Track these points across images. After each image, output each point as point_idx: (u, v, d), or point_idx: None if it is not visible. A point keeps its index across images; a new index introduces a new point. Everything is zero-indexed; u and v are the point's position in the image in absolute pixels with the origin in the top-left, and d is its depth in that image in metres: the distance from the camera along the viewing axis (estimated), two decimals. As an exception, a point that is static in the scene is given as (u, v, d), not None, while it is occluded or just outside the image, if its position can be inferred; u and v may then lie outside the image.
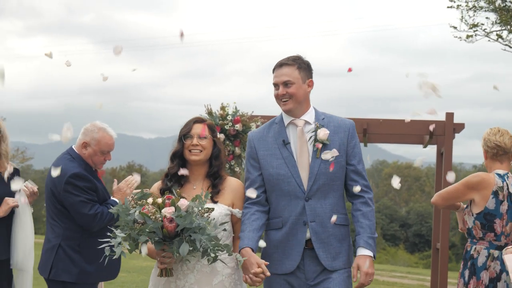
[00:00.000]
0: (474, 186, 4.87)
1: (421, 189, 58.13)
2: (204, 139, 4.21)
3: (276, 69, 4.21)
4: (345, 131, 4.19)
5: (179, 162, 4.23)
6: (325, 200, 4.13)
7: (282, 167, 4.15)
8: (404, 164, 63.66)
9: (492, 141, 4.96)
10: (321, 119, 4.21)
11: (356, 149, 4.22)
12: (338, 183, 4.17)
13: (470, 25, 14.40)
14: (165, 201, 3.77)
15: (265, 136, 4.28)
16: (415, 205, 51.74)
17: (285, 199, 4.15)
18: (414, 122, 9.78)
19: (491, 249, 4.85)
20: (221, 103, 7.80)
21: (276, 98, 4.22)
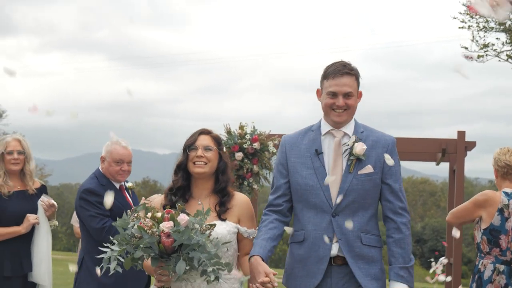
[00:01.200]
0: (481, 204, 5.16)
1: (436, 204, 57.93)
2: (210, 151, 3.97)
3: (335, 76, 3.87)
4: (383, 147, 3.88)
5: (183, 175, 4.00)
6: (353, 218, 3.83)
7: (312, 177, 3.88)
8: (419, 179, 63.48)
9: (503, 161, 5.26)
10: (360, 132, 3.93)
11: (394, 167, 3.87)
12: (369, 202, 3.86)
13: (481, 45, 14.68)
14: (164, 215, 3.56)
15: (298, 142, 4.00)
16: (430, 220, 51.58)
17: (311, 212, 3.88)
18: (427, 140, 10.13)
19: (497, 264, 5.11)
20: (239, 122, 8.12)
21: (328, 107, 3.90)
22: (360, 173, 3.83)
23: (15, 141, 5.46)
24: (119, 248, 3.51)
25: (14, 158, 5.41)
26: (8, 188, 5.37)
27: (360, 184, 3.82)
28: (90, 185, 5.24)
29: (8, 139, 5.47)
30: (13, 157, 5.40)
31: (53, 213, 5.49)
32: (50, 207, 5.45)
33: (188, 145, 4.01)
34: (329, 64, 3.98)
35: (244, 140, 7.88)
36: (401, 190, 3.89)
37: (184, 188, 3.98)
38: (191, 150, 3.97)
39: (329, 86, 3.88)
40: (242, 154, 7.87)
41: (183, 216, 3.53)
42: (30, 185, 5.49)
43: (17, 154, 5.42)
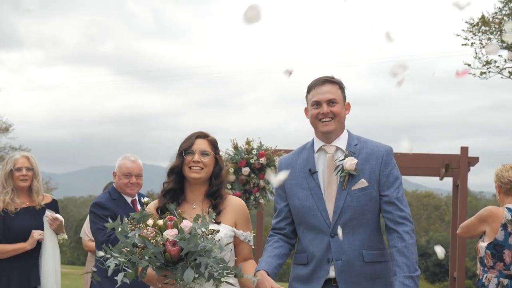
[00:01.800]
0: (484, 219, 5.30)
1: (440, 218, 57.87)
2: (206, 156, 3.90)
3: (316, 86, 3.82)
4: (377, 158, 3.76)
5: (175, 178, 3.92)
6: (353, 236, 3.71)
7: (308, 198, 3.79)
8: (423, 193, 63.46)
9: (506, 177, 5.40)
10: (354, 145, 3.81)
11: (391, 177, 3.74)
12: (368, 217, 3.74)
13: (484, 62, 14.88)
14: (166, 222, 3.45)
15: (293, 163, 3.91)
16: (435, 234, 51.51)
17: (311, 234, 3.80)
18: (431, 155, 10.31)
19: (500, 278, 5.24)
20: (246, 138, 8.28)
21: (314, 118, 3.82)
22: (354, 189, 3.71)
23: (24, 158, 5.63)
24: (124, 259, 3.37)
25: (23, 175, 5.57)
26: (15, 205, 5.54)
27: (355, 200, 3.71)
28: (100, 199, 5.47)
29: (17, 156, 5.65)
30: (22, 174, 5.57)
31: (59, 226, 5.63)
32: (54, 221, 5.58)
33: (184, 148, 3.92)
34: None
35: (251, 155, 8.03)
36: (399, 199, 3.72)
37: (175, 191, 3.90)
38: (188, 154, 3.89)
39: (312, 97, 3.81)
40: (249, 169, 8.02)
41: (187, 223, 3.43)
42: (37, 201, 5.65)
43: (26, 170, 5.59)
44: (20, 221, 5.52)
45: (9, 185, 5.56)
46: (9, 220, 5.50)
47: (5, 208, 5.50)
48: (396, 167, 3.78)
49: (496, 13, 14.85)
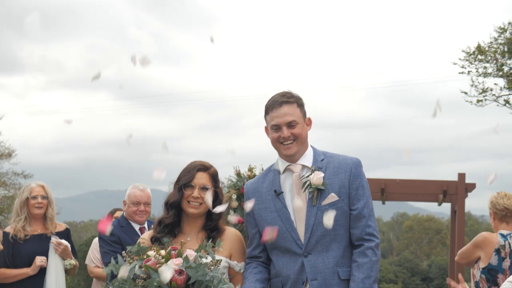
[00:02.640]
0: (479, 245, 5.51)
1: (442, 242, 57.76)
2: (206, 190, 3.82)
3: (274, 108, 3.68)
4: (346, 171, 3.65)
5: (175, 212, 3.86)
6: (327, 253, 3.59)
7: (276, 221, 3.67)
8: (425, 216, 63.43)
9: (501, 204, 5.61)
10: (320, 160, 3.71)
11: (361, 190, 3.64)
12: (341, 232, 3.61)
13: (480, 90, 15.23)
14: (170, 252, 3.37)
15: (259, 187, 3.80)
16: (436, 258, 51.45)
17: (285, 256, 3.67)
18: (429, 181, 10.57)
19: None
20: (248, 164, 8.49)
21: (275, 141, 3.71)
22: (324, 204, 3.59)
23: (39, 187, 5.89)
24: None
25: (38, 202, 5.83)
26: (25, 233, 5.77)
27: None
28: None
29: (33, 185, 5.91)
30: (37, 202, 5.82)
31: (64, 251, 5.79)
32: (59, 246, 5.75)
33: (184, 183, 3.84)
34: (270, 98, 3.78)
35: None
36: (369, 214, 3.63)
37: (173, 224, 3.84)
38: (187, 188, 3.82)
39: (271, 120, 3.69)
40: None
41: (191, 252, 3.37)
42: (51, 229, 5.88)
43: (41, 198, 5.85)
44: (28, 247, 5.74)
45: (23, 213, 5.82)
46: (17, 246, 5.72)
47: (15, 235, 5.74)
48: (365, 179, 3.69)
49: (491, 43, 15.27)
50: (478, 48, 15.25)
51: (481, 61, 15.12)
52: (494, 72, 15.07)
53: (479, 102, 15.27)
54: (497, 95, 15.06)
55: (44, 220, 5.89)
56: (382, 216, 68.53)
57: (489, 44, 15.32)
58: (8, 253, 5.66)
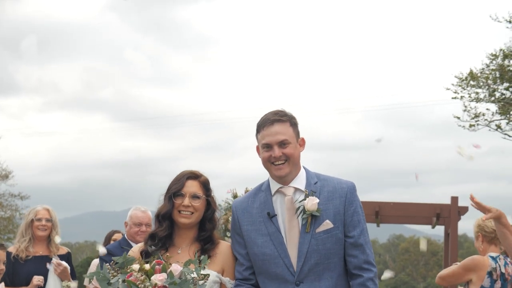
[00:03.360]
0: (471, 268, 5.66)
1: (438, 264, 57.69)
2: (197, 199, 3.64)
3: (265, 126, 3.51)
4: (341, 197, 3.48)
5: (169, 224, 3.68)
6: (319, 283, 3.44)
7: (268, 245, 3.47)
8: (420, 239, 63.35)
9: (490, 227, 5.79)
10: (313, 183, 3.53)
11: (356, 216, 3.48)
12: (335, 261, 3.46)
13: (473, 115, 15.59)
14: (154, 266, 3.22)
15: (249, 207, 3.59)
16: (432, 280, 51.43)
17: (273, 283, 3.49)
18: (423, 205, 10.83)
19: None
20: (245, 187, 8.68)
21: (266, 161, 3.53)
22: (319, 231, 3.42)
23: (44, 210, 6.13)
24: None
25: (42, 225, 6.05)
26: (27, 253, 5.95)
27: (320, 243, 3.42)
28: (109, 247, 5.92)
29: (38, 208, 6.15)
30: (41, 224, 6.05)
31: (63, 272, 5.92)
32: (58, 267, 5.89)
33: (174, 192, 3.67)
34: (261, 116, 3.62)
35: None
36: (366, 242, 3.48)
37: (166, 237, 3.67)
38: (177, 197, 3.65)
39: (262, 138, 3.52)
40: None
41: (176, 267, 3.21)
42: (54, 251, 6.08)
43: (45, 221, 6.07)
44: (28, 267, 5.92)
45: (28, 234, 6.03)
46: (17, 266, 5.88)
47: (17, 255, 5.93)
48: (360, 204, 3.54)
49: (483, 69, 15.65)
50: (470, 74, 15.65)
51: (473, 87, 15.50)
52: (486, 98, 15.47)
53: (471, 127, 15.65)
54: (489, 120, 15.44)
55: (48, 243, 6.08)
56: (378, 238, 68.54)
57: (481, 70, 15.73)
58: (8, 272, 5.79)
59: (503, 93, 15.32)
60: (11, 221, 33.51)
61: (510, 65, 15.42)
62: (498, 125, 15.38)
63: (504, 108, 15.10)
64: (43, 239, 6.07)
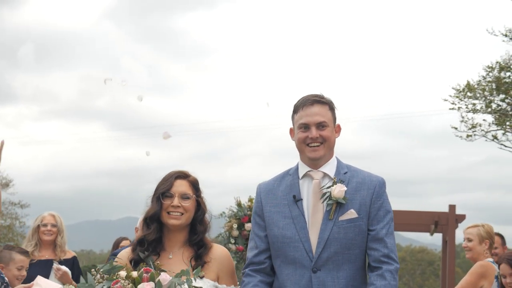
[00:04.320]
0: (484, 274, 5.94)
1: (435, 273, 57.91)
2: (187, 199, 3.48)
3: (304, 106, 3.45)
4: (369, 189, 3.40)
5: (157, 226, 3.49)
6: (338, 273, 3.32)
7: (289, 228, 3.38)
8: (417, 248, 63.65)
9: (494, 237, 6.13)
10: (343, 173, 3.46)
11: (382, 211, 3.38)
12: (356, 252, 3.36)
13: (470, 125, 15.99)
14: (142, 274, 3.06)
15: (275, 189, 3.52)
16: (429, 290, 51.56)
17: (290, 268, 3.38)
18: (421, 212, 11.11)
19: None
20: (249, 195, 8.94)
21: (301, 142, 3.45)
22: (342, 219, 3.34)
23: (50, 216, 6.44)
24: None
25: (48, 230, 6.37)
26: (32, 257, 6.15)
27: (342, 232, 3.33)
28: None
29: (45, 214, 6.46)
30: (47, 229, 6.36)
31: (63, 276, 6.07)
32: (58, 271, 6.06)
33: (162, 192, 3.50)
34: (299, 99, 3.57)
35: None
36: (388, 236, 3.38)
37: (156, 241, 3.48)
38: (166, 197, 3.48)
39: (300, 118, 3.45)
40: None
41: (165, 276, 3.06)
42: (59, 256, 6.36)
43: (51, 226, 6.38)
44: (31, 271, 6.16)
45: (34, 239, 6.35)
46: None
47: None
48: (388, 201, 3.46)
49: (480, 81, 16.08)
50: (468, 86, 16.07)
51: (470, 98, 15.92)
52: (482, 109, 15.89)
53: (468, 137, 16.05)
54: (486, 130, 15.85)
55: (54, 247, 6.36)
56: (375, 248, 68.43)
57: (478, 82, 16.16)
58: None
59: (499, 104, 15.75)
60: (11, 229, 33.69)
61: (506, 77, 15.92)
62: (495, 136, 15.76)
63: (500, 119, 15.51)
64: (49, 244, 6.35)
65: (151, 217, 3.50)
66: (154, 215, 3.49)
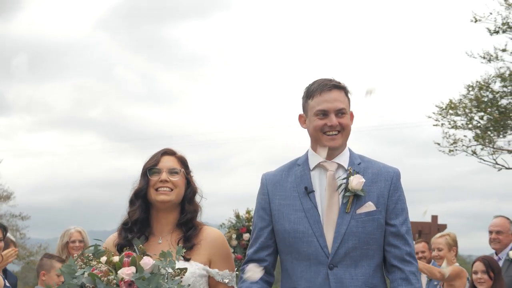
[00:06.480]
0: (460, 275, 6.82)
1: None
2: (176, 174, 3.26)
3: (322, 91, 3.20)
4: (386, 180, 3.21)
5: (142, 205, 3.26)
6: (356, 270, 3.13)
7: (302, 222, 3.16)
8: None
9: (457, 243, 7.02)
10: (357, 163, 3.25)
11: (400, 204, 3.20)
12: (374, 248, 3.17)
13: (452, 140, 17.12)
14: (123, 259, 2.86)
15: (283, 180, 3.28)
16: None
17: (303, 265, 3.16)
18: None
19: None
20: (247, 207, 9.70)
21: (318, 130, 3.21)
22: (360, 212, 3.15)
23: (77, 232, 7.10)
24: None
25: (76, 246, 7.04)
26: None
27: (360, 225, 3.15)
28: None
29: (72, 230, 6.95)
30: (75, 245, 7.04)
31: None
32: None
33: (149, 167, 3.28)
34: (311, 82, 3.31)
35: (251, 222, 8.49)
36: (408, 234, 3.22)
37: (142, 222, 3.26)
38: (153, 173, 3.26)
39: (317, 104, 3.20)
40: (249, 235, 9.41)
41: (147, 260, 2.85)
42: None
43: (78, 242, 7.07)
44: None
45: (64, 254, 7.03)
46: None
47: None
48: (404, 194, 3.28)
49: (461, 100, 17.24)
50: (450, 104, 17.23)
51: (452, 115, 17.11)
52: (463, 125, 17.06)
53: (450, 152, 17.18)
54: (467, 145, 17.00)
55: None
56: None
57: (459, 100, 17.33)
58: None
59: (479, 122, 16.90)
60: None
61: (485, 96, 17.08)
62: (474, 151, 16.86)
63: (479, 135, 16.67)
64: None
65: (136, 194, 3.28)
66: (139, 192, 3.26)
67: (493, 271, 5.65)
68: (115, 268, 2.83)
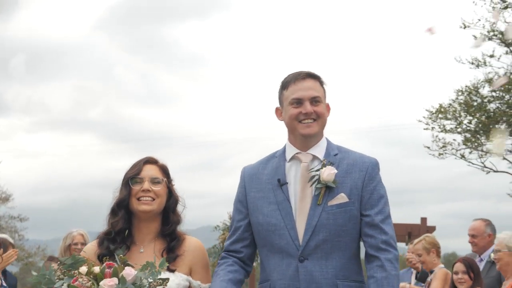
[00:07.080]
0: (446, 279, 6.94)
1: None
2: (158, 184, 3.25)
3: (297, 81, 3.22)
4: (361, 171, 3.18)
5: (124, 215, 3.24)
6: (326, 262, 3.12)
7: (274, 214, 3.17)
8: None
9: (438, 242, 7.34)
10: (333, 154, 3.23)
11: (376, 194, 3.16)
12: (347, 240, 3.15)
13: (442, 144, 17.50)
14: (104, 270, 2.84)
15: (259, 173, 3.30)
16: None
17: (276, 257, 3.18)
18: (396, 224, 12.22)
19: None
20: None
21: (293, 119, 3.21)
22: (331, 204, 3.13)
23: (80, 235, 7.24)
24: None
25: (79, 248, 7.14)
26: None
27: (331, 218, 3.12)
28: None
29: (74, 233, 7.02)
30: (78, 248, 7.16)
31: None
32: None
33: (131, 176, 3.27)
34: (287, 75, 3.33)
35: None
36: (384, 221, 3.15)
37: (124, 232, 3.24)
38: (135, 183, 3.25)
39: (291, 94, 3.22)
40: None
41: (129, 271, 2.85)
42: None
43: (81, 245, 7.18)
44: None
45: (67, 256, 7.32)
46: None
47: None
48: (382, 183, 3.24)
49: (450, 104, 17.60)
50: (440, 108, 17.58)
51: (442, 119, 17.47)
52: (452, 129, 17.42)
53: (440, 156, 17.50)
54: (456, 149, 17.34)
55: None
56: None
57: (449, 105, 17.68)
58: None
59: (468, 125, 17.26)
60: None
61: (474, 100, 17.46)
62: (462, 155, 17.22)
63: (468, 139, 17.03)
64: None
65: (118, 204, 3.27)
66: (122, 202, 3.25)
67: (473, 272, 5.83)
68: (96, 279, 2.81)
